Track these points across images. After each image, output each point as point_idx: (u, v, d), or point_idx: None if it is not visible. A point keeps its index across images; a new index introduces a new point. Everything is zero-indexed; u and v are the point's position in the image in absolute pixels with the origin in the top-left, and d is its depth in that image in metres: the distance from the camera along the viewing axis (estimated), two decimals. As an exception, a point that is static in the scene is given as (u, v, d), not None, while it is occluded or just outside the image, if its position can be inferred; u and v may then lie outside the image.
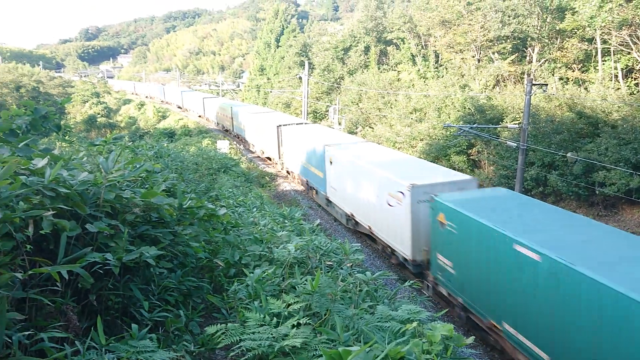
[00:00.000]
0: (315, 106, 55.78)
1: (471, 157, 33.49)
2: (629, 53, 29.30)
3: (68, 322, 3.88)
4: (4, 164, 3.98)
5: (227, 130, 51.41)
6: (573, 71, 33.76)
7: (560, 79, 33.70)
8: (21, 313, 3.43)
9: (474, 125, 26.16)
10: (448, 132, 33.64)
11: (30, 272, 3.55)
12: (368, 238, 20.09)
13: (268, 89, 73.56)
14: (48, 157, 4.89)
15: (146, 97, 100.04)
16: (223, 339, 4.31)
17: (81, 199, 4.53)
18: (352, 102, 50.37)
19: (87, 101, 77.28)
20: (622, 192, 22.77)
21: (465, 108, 34.32)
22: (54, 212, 4.06)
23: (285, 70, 70.25)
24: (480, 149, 32.61)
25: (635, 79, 29.90)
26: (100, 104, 78.45)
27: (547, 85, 26.62)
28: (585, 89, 30.80)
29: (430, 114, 38.14)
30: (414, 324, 4.65)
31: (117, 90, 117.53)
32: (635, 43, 28.10)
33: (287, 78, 66.85)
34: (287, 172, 32.71)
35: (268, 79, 78.58)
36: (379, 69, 53.78)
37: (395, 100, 44.78)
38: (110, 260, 4.22)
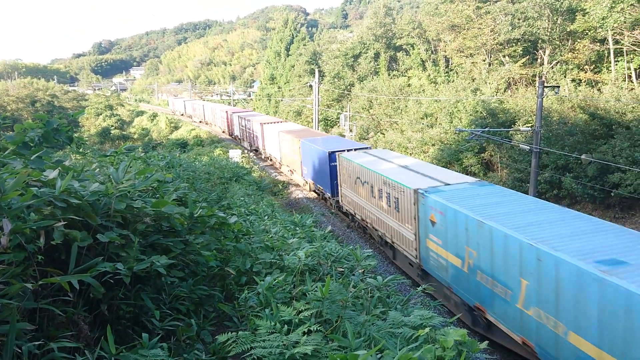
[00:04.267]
0: (326, 114, 55.87)
1: (484, 160, 33.28)
2: (642, 53, 29.01)
3: (79, 332, 3.90)
4: (15, 176, 4.03)
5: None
6: (585, 72, 33.46)
7: (573, 80, 33.43)
8: (32, 323, 3.45)
9: (486, 129, 25.98)
10: (460, 137, 33.48)
11: (40, 283, 3.58)
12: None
13: (279, 98, 73.90)
14: (59, 168, 4.94)
15: (182, 114, 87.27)
16: (234, 347, 4.30)
17: (92, 210, 4.56)
18: (362, 109, 50.38)
19: (100, 114, 78.27)
20: (639, 193, 22.45)
21: (476, 112, 34.15)
22: (65, 222, 4.09)
23: (295, 79, 70.55)
24: (493, 153, 32.40)
25: (649, 78, 29.58)
26: (114, 116, 79.38)
27: (559, 87, 26.35)
28: (599, 90, 30.50)
29: (442, 119, 38.00)
30: (426, 329, 4.60)
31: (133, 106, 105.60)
32: (648, 42, 27.83)
33: (298, 86, 67.09)
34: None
35: (279, 87, 78.95)
36: (389, 75, 53.78)
37: (406, 106, 44.70)
38: (121, 269, 4.24)
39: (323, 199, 28.06)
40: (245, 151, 46.06)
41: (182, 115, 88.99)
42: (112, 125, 74.10)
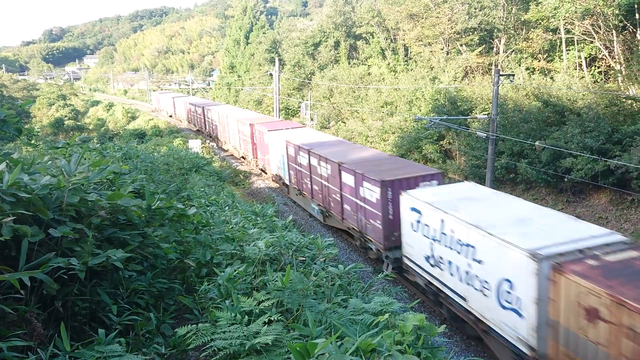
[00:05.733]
0: (287, 103, 55.61)
1: (443, 148, 33.86)
2: (591, 42, 29.95)
3: (32, 330, 3.78)
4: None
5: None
6: (539, 61, 34.36)
7: (527, 69, 34.29)
8: (-19, 323, 3.33)
9: (444, 117, 26.44)
10: (419, 125, 33.93)
11: (-13, 281, 3.45)
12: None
13: (239, 87, 73.03)
14: (6, 161, 4.75)
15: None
16: (194, 339, 4.27)
17: (43, 204, 4.42)
18: (323, 98, 50.37)
19: (53, 104, 75.53)
20: (589, 178, 23.32)
21: (435, 100, 34.66)
22: (14, 217, 3.94)
23: (255, 68, 69.81)
24: (452, 140, 32.99)
25: (598, 67, 30.60)
26: (67, 106, 76.75)
27: (514, 75, 27.00)
28: (551, 78, 31.41)
29: (401, 107, 38.41)
30: (386, 315, 4.68)
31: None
32: (597, 32, 28.74)
33: (258, 75, 66.43)
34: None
35: (239, 76, 78.00)
36: (349, 63, 53.88)
37: (366, 95, 44.95)
38: (75, 265, 4.13)
39: None
40: (206, 141, 45.35)
41: (170, 116, 66.64)
42: (65, 116, 71.66)
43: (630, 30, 28.06)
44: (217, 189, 20.76)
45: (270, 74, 48.55)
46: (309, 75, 56.67)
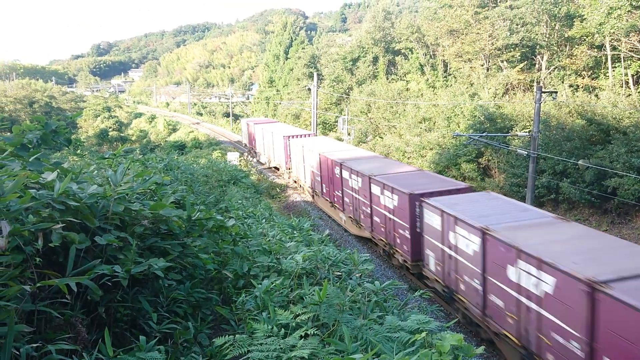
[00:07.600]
0: (324, 117, 55.91)
1: (481, 165, 33.32)
2: (639, 59, 29.08)
3: (77, 334, 3.90)
4: (13, 178, 4.04)
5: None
6: (583, 78, 33.55)
7: (570, 86, 33.52)
8: (30, 325, 3.45)
9: (484, 134, 26.03)
10: (458, 141, 33.53)
11: (38, 285, 3.59)
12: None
13: (277, 101, 73.94)
14: (57, 170, 4.94)
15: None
16: (231, 350, 4.30)
17: (90, 212, 4.57)
18: (361, 113, 50.43)
19: (98, 115, 78.18)
20: (635, 199, 22.51)
21: (474, 117, 34.21)
22: (63, 224, 4.09)
23: (294, 82, 70.57)
24: (491, 158, 32.44)
25: (646, 85, 29.66)
26: (112, 117, 79.31)
27: (556, 92, 26.43)
28: (596, 95, 30.58)
29: (440, 123, 38.06)
30: (423, 334, 4.61)
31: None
32: (645, 49, 27.92)
33: (297, 89, 67.11)
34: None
35: (277, 90, 78.99)
36: (387, 79, 53.87)
37: (404, 110, 44.76)
38: (118, 272, 4.24)
39: None
40: (244, 154, 45.88)
41: (276, 170, 39.16)
42: (110, 127, 74.03)
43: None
44: (254, 202, 20.99)
45: (309, 89, 48.97)
46: (347, 90, 56.89)
